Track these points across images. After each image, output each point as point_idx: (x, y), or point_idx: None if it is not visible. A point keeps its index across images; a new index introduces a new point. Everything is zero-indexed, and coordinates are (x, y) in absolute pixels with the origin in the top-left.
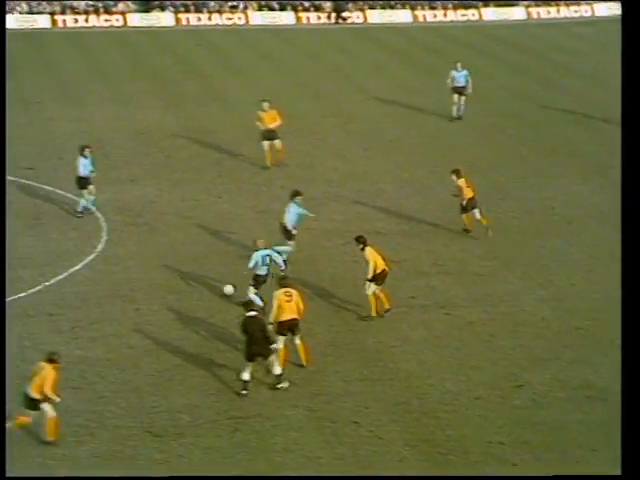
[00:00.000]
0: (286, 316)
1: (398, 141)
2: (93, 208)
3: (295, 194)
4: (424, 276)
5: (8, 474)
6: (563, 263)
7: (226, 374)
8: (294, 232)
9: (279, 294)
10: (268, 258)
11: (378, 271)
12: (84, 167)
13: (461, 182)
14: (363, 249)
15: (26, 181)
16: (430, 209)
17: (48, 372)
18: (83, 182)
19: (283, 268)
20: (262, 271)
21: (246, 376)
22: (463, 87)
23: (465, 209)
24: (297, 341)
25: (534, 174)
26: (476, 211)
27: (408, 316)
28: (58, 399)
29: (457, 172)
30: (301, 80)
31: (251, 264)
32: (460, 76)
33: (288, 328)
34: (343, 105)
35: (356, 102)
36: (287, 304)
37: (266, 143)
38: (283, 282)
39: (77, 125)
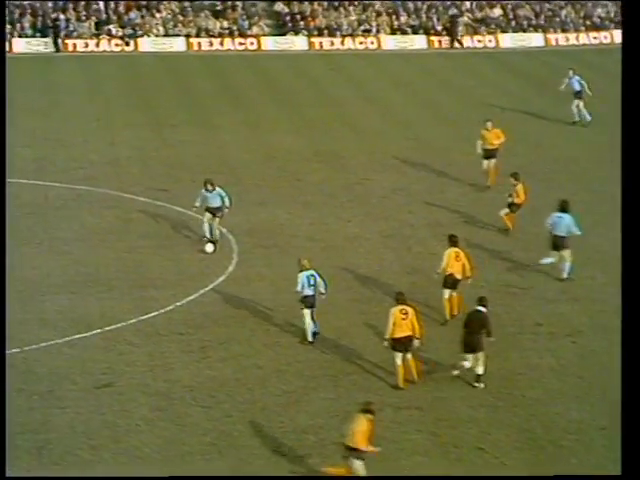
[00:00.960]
0: (401, 333)
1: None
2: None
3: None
4: (552, 303)
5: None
6: None
7: (351, 396)
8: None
9: (395, 311)
10: (312, 279)
11: (446, 273)
12: (207, 199)
13: (520, 187)
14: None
15: (160, 202)
16: None
17: (361, 423)
18: (212, 211)
19: (323, 292)
20: (309, 291)
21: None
22: (579, 92)
23: (512, 210)
24: (408, 356)
25: None
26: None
27: (535, 344)
28: (375, 450)
29: (515, 176)
30: (432, 105)
31: (298, 287)
32: (574, 81)
33: (402, 345)
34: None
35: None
36: (402, 321)
37: (486, 162)
38: (400, 298)
39: (209, 148)
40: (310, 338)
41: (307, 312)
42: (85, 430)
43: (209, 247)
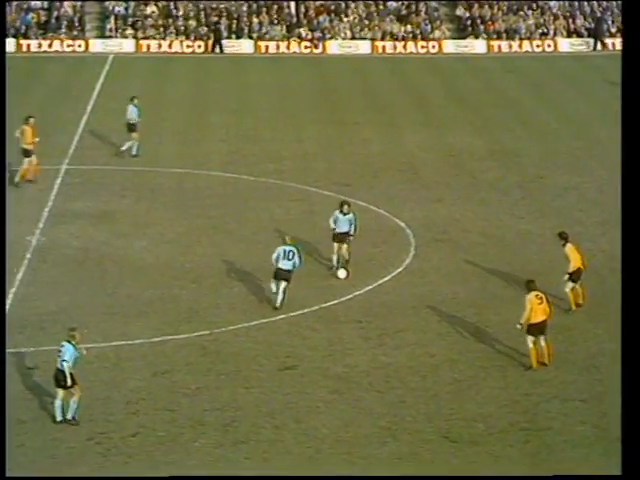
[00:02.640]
0: (538, 318)
1: None
2: None
3: None
4: None
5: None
6: None
7: (520, 386)
8: None
9: (531, 297)
10: (291, 254)
11: (574, 269)
12: (338, 222)
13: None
14: (564, 245)
15: (342, 196)
16: None
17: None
18: (340, 237)
19: (293, 268)
20: (283, 265)
21: None
22: None
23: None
24: (543, 342)
25: None
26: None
27: None
28: None
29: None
30: (603, 105)
31: (273, 256)
32: None
33: (539, 329)
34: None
35: None
36: (539, 306)
37: None
38: (531, 285)
39: (390, 146)
40: (277, 304)
41: (274, 282)
42: (269, 410)
43: (341, 273)
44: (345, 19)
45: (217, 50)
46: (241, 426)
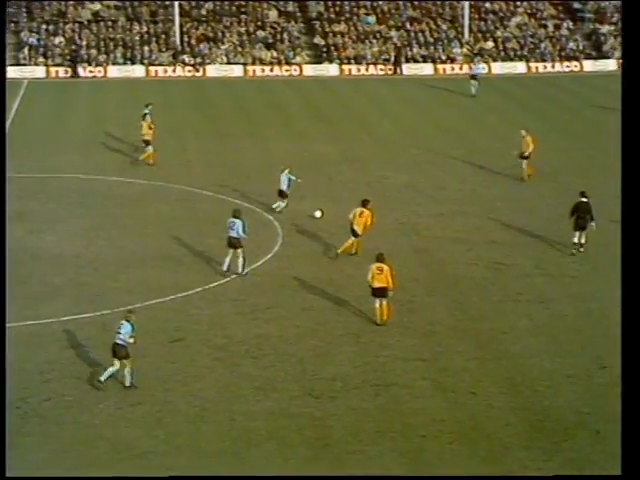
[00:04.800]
0: (376, 284)
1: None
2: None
3: None
4: (529, 277)
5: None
6: None
7: (370, 350)
8: None
9: (373, 267)
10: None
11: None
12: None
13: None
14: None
15: (221, 195)
16: (534, 224)
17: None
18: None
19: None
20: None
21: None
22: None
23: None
24: (384, 303)
25: None
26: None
27: (516, 309)
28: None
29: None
30: (436, 119)
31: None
32: None
33: (379, 293)
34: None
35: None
36: (378, 275)
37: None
38: (379, 257)
39: (260, 154)
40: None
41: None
42: (160, 375)
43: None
44: (222, 46)
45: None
46: (137, 390)
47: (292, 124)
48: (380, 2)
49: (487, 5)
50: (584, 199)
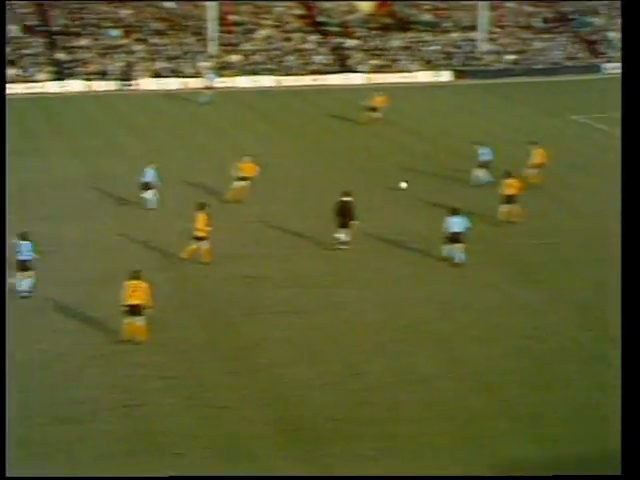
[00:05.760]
0: (131, 302)
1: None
2: None
3: None
4: (282, 289)
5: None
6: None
7: (121, 370)
8: None
9: (127, 284)
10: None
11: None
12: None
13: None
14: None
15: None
16: (285, 238)
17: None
18: None
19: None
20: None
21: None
22: None
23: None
24: (138, 321)
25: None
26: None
27: (270, 320)
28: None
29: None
30: (179, 135)
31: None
32: None
33: (131, 311)
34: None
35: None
36: (133, 293)
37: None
38: (133, 274)
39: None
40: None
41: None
42: None
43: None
44: None
45: None
46: None
47: (36, 141)
48: (122, 16)
49: (235, 17)
50: (347, 198)
